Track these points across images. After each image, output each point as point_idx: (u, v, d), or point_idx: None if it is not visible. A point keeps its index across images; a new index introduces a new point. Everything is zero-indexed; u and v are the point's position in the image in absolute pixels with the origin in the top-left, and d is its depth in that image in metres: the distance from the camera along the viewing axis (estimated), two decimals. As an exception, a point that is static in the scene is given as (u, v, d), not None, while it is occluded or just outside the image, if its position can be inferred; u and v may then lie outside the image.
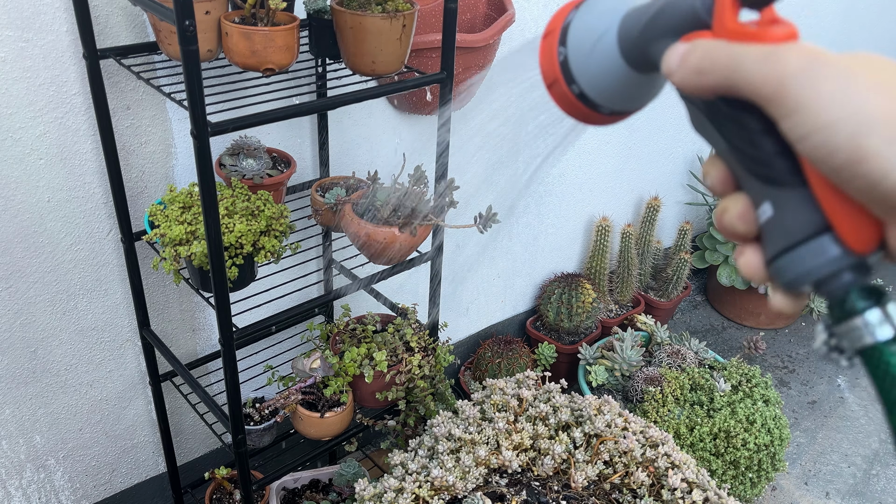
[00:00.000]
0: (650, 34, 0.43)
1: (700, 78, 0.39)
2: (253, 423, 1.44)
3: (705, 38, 0.40)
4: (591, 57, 0.46)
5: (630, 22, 0.45)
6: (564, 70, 0.48)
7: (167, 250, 1.17)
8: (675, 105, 2.26)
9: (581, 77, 0.47)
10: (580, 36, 0.47)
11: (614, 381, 2.07)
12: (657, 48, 0.43)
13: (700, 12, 0.41)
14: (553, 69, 0.49)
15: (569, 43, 0.47)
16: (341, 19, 1.14)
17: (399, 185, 1.32)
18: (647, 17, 0.43)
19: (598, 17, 0.46)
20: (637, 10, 0.45)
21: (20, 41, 1.14)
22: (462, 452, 1.25)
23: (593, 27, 0.46)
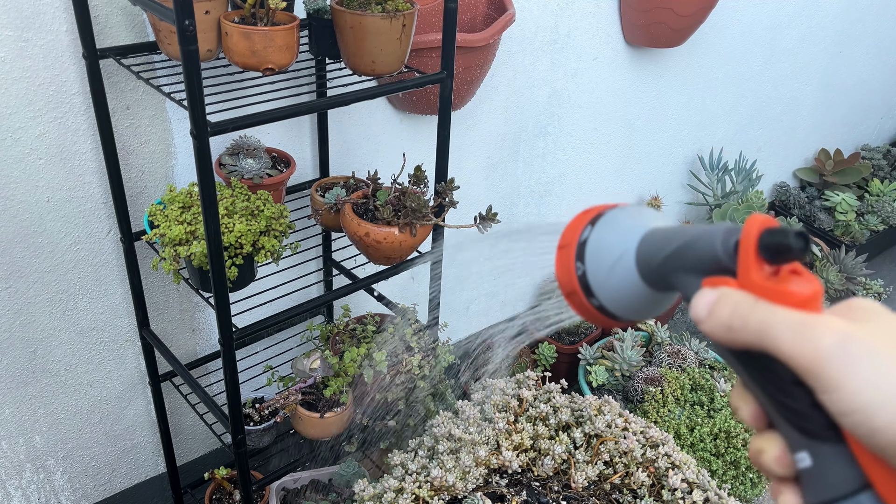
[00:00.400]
0: (671, 266, 0.45)
1: (730, 334, 0.40)
2: (253, 424, 1.44)
3: (731, 288, 0.41)
4: (610, 276, 0.48)
5: (649, 248, 0.47)
6: (583, 284, 0.49)
7: (167, 250, 1.17)
8: (675, 105, 2.26)
9: (600, 293, 0.49)
10: (598, 254, 0.49)
11: (614, 381, 2.06)
12: (678, 280, 0.44)
13: (722, 258, 0.42)
14: (571, 282, 0.50)
15: (587, 259, 0.49)
16: (341, 19, 1.14)
17: (399, 185, 1.32)
18: (667, 251, 0.45)
19: (615, 238, 0.49)
20: (655, 237, 0.47)
21: (20, 41, 1.14)
22: (462, 453, 1.25)
23: (611, 247, 0.48)
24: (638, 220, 0.49)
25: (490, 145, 1.92)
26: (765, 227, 0.40)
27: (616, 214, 0.50)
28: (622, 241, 0.48)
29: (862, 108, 3.31)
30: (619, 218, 0.50)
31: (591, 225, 0.50)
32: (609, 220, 0.50)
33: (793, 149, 3.09)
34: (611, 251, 0.48)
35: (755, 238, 0.40)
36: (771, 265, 0.40)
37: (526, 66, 1.87)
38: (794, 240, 0.39)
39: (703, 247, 0.43)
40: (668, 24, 1.95)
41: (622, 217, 0.50)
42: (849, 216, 2.90)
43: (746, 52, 2.52)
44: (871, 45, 3.07)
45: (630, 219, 0.50)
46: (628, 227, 0.49)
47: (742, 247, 0.41)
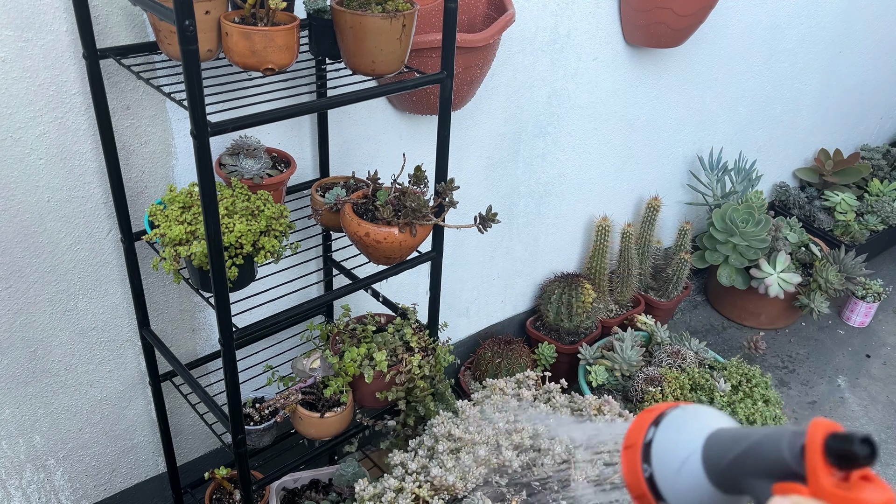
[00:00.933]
0: (739, 470, 0.45)
1: None
2: (253, 423, 1.44)
3: (804, 497, 0.41)
4: (678, 479, 0.48)
5: (715, 450, 0.47)
6: (651, 486, 0.50)
7: (167, 250, 1.17)
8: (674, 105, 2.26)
9: (670, 496, 0.49)
10: (664, 456, 0.50)
11: (614, 381, 2.07)
12: (747, 484, 0.45)
13: (790, 463, 0.42)
14: (639, 485, 0.51)
15: (653, 461, 0.50)
16: (341, 19, 1.14)
17: (399, 185, 1.32)
18: (734, 453, 0.45)
19: (680, 439, 0.49)
20: (720, 438, 0.47)
21: (20, 41, 1.14)
22: (462, 452, 1.25)
23: (677, 448, 0.49)
24: (702, 421, 0.50)
25: (490, 145, 1.92)
26: (829, 432, 0.41)
27: (679, 414, 0.51)
28: (688, 441, 0.49)
29: (861, 108, 3.31)
30: (682, 418, 0.51)
31: (655, 426, 0.51)
32: (673, 421, 0.51)
33: (792, 149, 3.09)
34: (677, 452, 0.49)
35: (821, 444, 0.41)
36: (840, 471, 0.41)
37: (526, 66, 1.87)
38: (860, 447, 0.39)
39: (769, 451, 0.43)
40: (668, 25, 1.95)
41: (686, 417, 0.51)
42: (848, 216, 2.90)
43: (746, 53, 2.52)
44: (870, 46, 3.07)
45: (694, 419, 0.50)
46: (693, 428, 0.49)
47: (809, 453, 0.41)
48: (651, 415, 0.53)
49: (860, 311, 2.74)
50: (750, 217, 2.46)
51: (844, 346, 2.69)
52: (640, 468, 0.50)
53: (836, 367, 2.58)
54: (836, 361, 2.61)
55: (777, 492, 0.42)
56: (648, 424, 0.52)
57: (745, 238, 2.46)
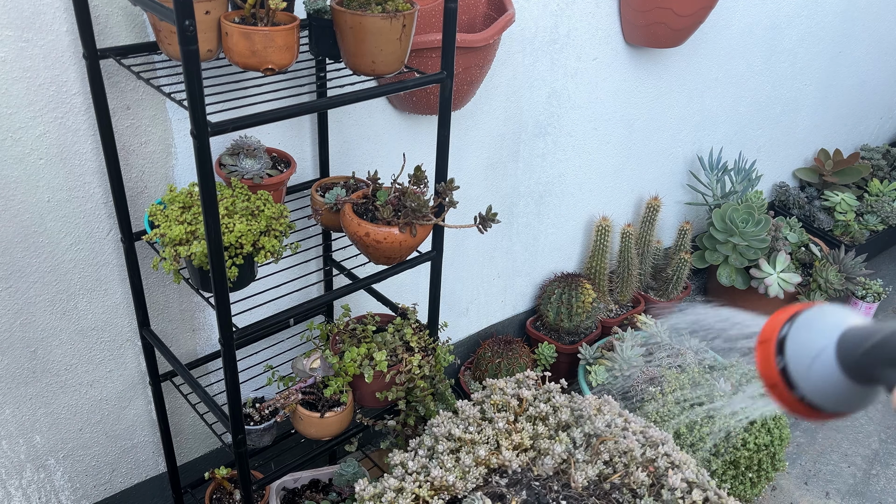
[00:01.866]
0: (873, 358, 0.48)
1: None
2: (253, 423, 1.44)
3: None
4: (811, 369, 0.51)
5: (849, 343, 0.50)
6: (785, 377, 0.53)
7: (167, 250, 1.17)
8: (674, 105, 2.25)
9: (803, 385, 0.52)
10: (798, 349, 0.52)
11: (614, 380, 2.07)
12: (881, 372, 0.47)
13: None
14: (773, 375, 0.54)
15: (787, 354, 0.53)
16: (341, 19, 1.14)
17: (399, 184, 1.32)
18: (868, 344, 0.48)
19: (815, 333, 0.52)
20: (854, 333, 0.50)
21: (20, 41, 1.14)
22: (462, 452, 1.25)
23: (811, 342, 0.52)
24: (836, 318, 0.53)
25: (490, 145, 1.92)
26: None
27: (815, 313, 0.54)
28: (822, 336, 0.51)
29: (861, 108, 3.31)
30: (818, 315, 0.54)
31: (790, 322, 0.54)
32: (808, 318, 0.54)
33: (792, 149, 3.09)
34: (811, 345, 0.52)
35: None
36: None
37: (526, 66, 1.87)
38: None
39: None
40: (668, 25, 1.95)
41: (821, 315, 0.54)
42: (848, 216, 2.90)
43: (746, 53, 2.52)
44: (870, 46, 3.07)
45: (829, 316, 0.53)
46: (827, 324, 0.52)
47: None
48: (786, 314, 0.55)
49: (860, 311, 2.74)
50: (750, 217, 2.46)
51: (844, 346, 2.69)
52: (774, 360, 0.53)
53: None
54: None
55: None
56: (784, 322, 0.54)
57: (744, 238, 2.46)
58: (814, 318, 0.54)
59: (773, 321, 0.56)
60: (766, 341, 0.55)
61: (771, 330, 0.55)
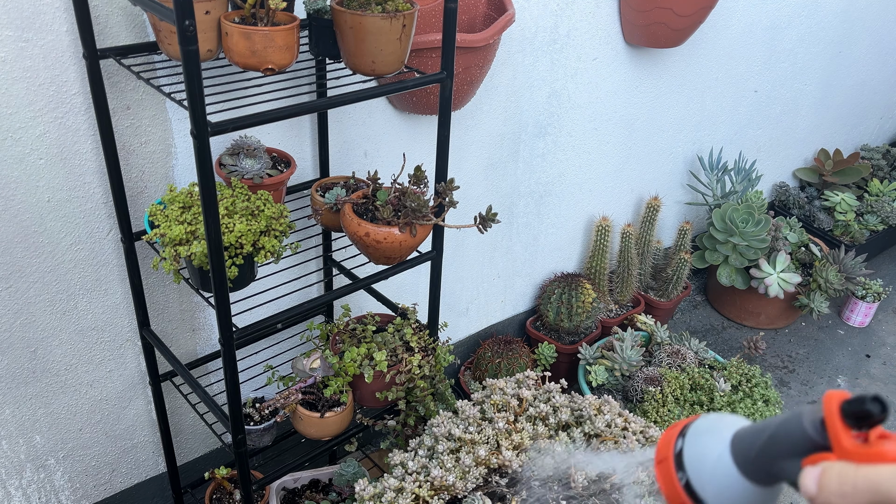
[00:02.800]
0: (768, 456, 0.49)
1: (845, 499, 0.43)
2: (253, 423, 1.44)
3: (831, 461, 0.45)
4: (712, 478, 0.52)
5: (742, 444, 0.51)
6: (689, 492, 0.53)
7: (167, 250, 1.17)
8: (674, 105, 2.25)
9: (708, 496, 0.52)
10: (696, 460, 0.53)
11: (614, 380, 2.07)
12: (778, 468, 0.49)
13: (813, 437, 0.46)
14: (677, 493, 0.54)
15: (687, 468, 0.53)
16: (341, 19, 1.14)
17: (399, 185, 1.32)
18: (759, 443, 0.49)
19: (708, 442, 0.53)
20: (744, 435, 0.51)
21: (20, 41, 1.14)
22: (462, 452, 1.25)
23: (707, 452, 0.53)
24: (724, 423, 0.54)
25: (490, 145, 1.92)
26: (842, 399, 0.45)
27: (702, 423, 0.55)
28: (715, 443, 0.53)
29: (861, 108, 3.31)
30: (706, 425, 0.55)
31: (682, 437, 0.55)
32: (698, 429, 0.55)
33: (792, 149, 3.09)
34: (707, 455, 0.53)
35: (837, 410, 0.45)
36: (858, 432, 0.45)
37: (526, 66, 1.87)
38: (872, 405, 0.44)
39: (793, 431, 0.47)
40: (668, 25, 1.95)
41: (709, 424, 0.55)
42: (848, 216, 2.90)
43: (746, 53, 2.52)
44: (870, 46, 3.07)
45: (716, 423, 0.54)
46: (716, 430, 0.53)
47: (828, 421, 0.45)
48: (676, 429, 0.56)
49: (860, 311, 2.74)
50: (750, 217, 2.46)
51: (844, 346, 2.69)
52: (675, 477, 0.54)
53: (835, 366, 2.58)
54: (836, 361, 2.61)
55: (807, 464, 0.46)
56: (676, 437, 0.55)
57: (744, 238, 2.46)
58: (703, 427, 0.55)
59: (665, 438, 0.57)
60: (663, 460, 0.55)
61: (665, 448, 0.56)
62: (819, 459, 0.46)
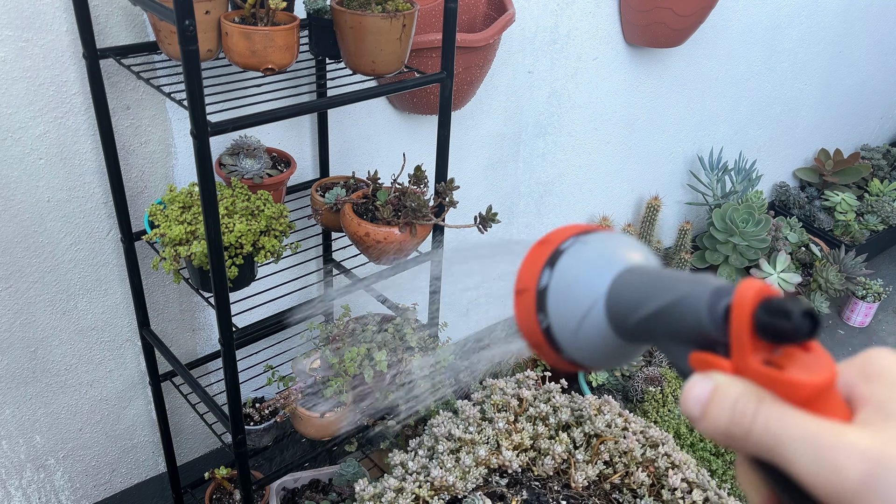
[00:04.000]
0: (650, 329, 0.39)
1: (731, 442, 0.34)
2: (253, 423, 1.44)
3: (726, 376, 0.34)
4: (579, 331, 0.42)
5: (621, 302, 0.40)
6: (548, 337, 0.43)
7: (167, 250, 1.17)
8: (674, 105, 2.25)
9: (570, 349, 0.43)
10: (562, 307, 0.42)
11: (614, 380, 2.06)
12: (662, 346, 0.39)
13: (710, 331, 0.35)
14: (535, 336, 0.44)
15: (550, 311, 0.43)
16: (341, 19, 1.14)
17: (399, 185, 1.32)
18: (644, 312, 0.38)
19: (580, 287, 0.42)
20: (628, 287, 0.40)
21: (20, 41, 1.14)
22: (462, 452, 1.25)
23: (576, 299, 0.42)
24: (605, 259, 0.42)
25: (490, 145, 1.92)
26: (761, 298, 0.33)
27: (577, 254, 0.43)
28: (589, 290, 0.41)
29: (861, 108, 3.31)
30: (581, 258, 0.42)
31: (550, 267, 0.43)
32: (570, 264, 0.43)
33: (792, 149, 3.09)
34: (577, 304, 0.41)
35: (749, 313, 0.33)
36: (769, 344, 0.34)
37: (526, 66, 1.87)
38: (800, 320, 0.32)
39: (687, 313, 0.36)
40: (668, 24, 1.95)
41: (585, 256, 0.42)
42: (848, 216, 2.90)
43: (746, 53, 2.52)
44: (870, 46, 3.07)
45: (596, 258, 0.42)
46: (594, 271, 0.41)
47: (734, 322, 0.33)
48: (544, 252, 0.44)
49: (860, 311, 2.74)
50: (750, 217, 2.46)
51: (844, 346, 2.69)
52: (535, 319, 0.43)
53: (836, 367, 2.58)
54: (836, 361, 2.61)
55: (695, 364, 0.36)
56: (542, 266, 0.43)
57: (745, 238, 2.46)
58: (577, 263, 0.42)
59: (529, 263, 0.44)
60: (524, 291, 0.44)
61: (529, 276, 0.44)
62: (709, 363, 0.35)
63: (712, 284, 0.35)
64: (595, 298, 0.41)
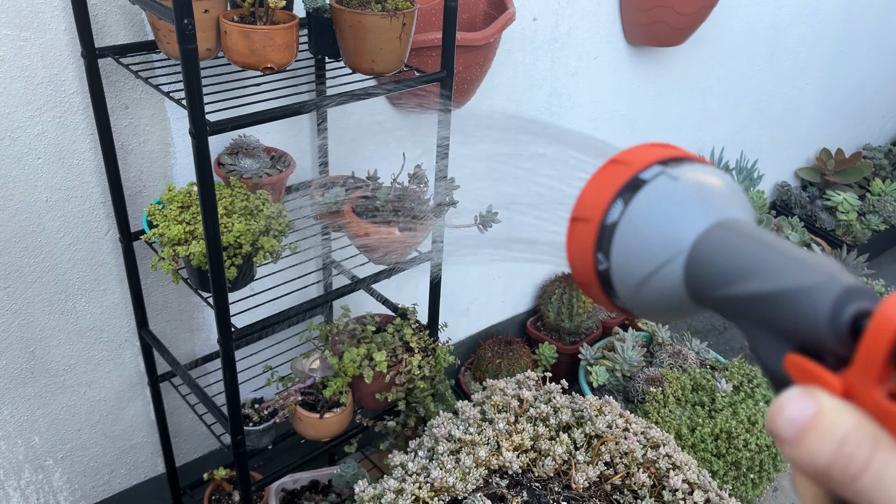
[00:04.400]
0: (743, 312, 0.31)
1: (825, 481, 0.27)
2: (252, 424, 1.43)
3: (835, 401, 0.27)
4: (644, 286, 0.35)
5: (711, 268, 0.32)
6: (604, 281, 0.36)
7: (166, 250, 1.16)
8: (675, 104, 2.24)
9: (625, 298, 0.36)
10: (631, 254, 0.35)
11: (615, 381, 2.06)
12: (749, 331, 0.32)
13: (828, 339, 0.28)
14: (588, 275, 0.37)
15: (613, 255, 0.35)
16: (341, 18, 1.13)
17: (399, 184, 1.31)
18: (742, 289, 0.31)
19: (660, 235, 0.34)
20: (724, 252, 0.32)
21: (18, 40, 1.13)
22: (462, 453, 1.24)
23: (652, 248, 0.34)
24: (698, 206, 0.33)
25: (490, 145, 1.91)
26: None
27: (663, 190, 0.34)
28: (670, 241, 0.33)
29: (863, 107, 3.30)
30: (667, 198, 0.34)
31: (624, 200, 0.35)
32: (652, 201, 0.34)
33: (794, 148, 3.08)
34: (650, 255, 0.34)
35: (893, 336, 0.26)
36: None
37: (526, 65, 1.86)
38: None
39: (804, 307, 0.29)
40: (669, 23, 1.94)
41: (672, 196, 0.34)
42: (850, 216, 2.89)
43: (748, 52, 2.51)
44: (872, 45, 3.06)
45: (685, 202, 0.34)
46: (681, 219, 0.33)
47: (870, 339, 0.26)
48: (618, 176, 0.35)
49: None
50: (751, 217, 2.46)
51: (846, 346, 2.68)
52: (591, 258, 0.36)
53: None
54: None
55: (792, 369, 0.28)
56: (613, 196, 0.35)
57: (746, 238, 2.46)
58: (658, 203, 0.34)
59: (599, 185, 0.36)
60: (583, 220, 0.36)
61: (594, 205, 0.36)
62: (813, 374, 0.28)
63: (842, 281, 0.28)
64: (676, 253, 0.33)
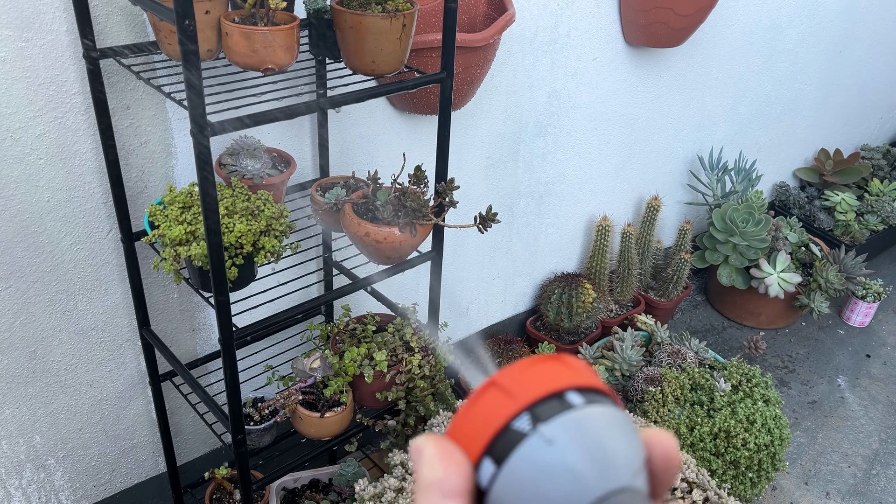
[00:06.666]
0: None
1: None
2: (253, 423, 1.44)
3: None
4: None
5: None
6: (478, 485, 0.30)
7: (167, 250, 1.17)
8: (675, 105, 2.25)
9: None
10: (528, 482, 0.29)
11: (614, 380, 2.06)
12: None
13: None
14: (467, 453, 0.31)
15: (506, 468, 0.29)
16: (341, 19, 1.14)
17: (399, 185, 1.32)
18: None
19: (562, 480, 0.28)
20: None
21: (20, 41, 1.14)
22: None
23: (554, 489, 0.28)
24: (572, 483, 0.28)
25: (490, 145, 1.92)
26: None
27: (536, 460, 0.28)
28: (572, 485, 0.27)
29: (862, 107, 3.31)
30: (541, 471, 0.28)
31: (533, 419, 0.29)
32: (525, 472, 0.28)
33: (793, 149, 3.09)
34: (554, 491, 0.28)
35: None
36: None
37: (526, 66, 1.87)
38: None
39: None
40: (668, 24, 1.95)
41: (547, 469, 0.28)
42: (848, 216, 2.90)
43: (747, 52, 2.52)
44: (871, 45, 3.07)
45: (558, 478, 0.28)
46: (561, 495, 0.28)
47: None
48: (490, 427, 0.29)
49: (860, 310, 2.74)
50: (750, 217, 2.46)
51: (844, 345, 2.69)
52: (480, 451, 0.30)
53: (836, 366, 2.58)
54: (837, 361, 2.61)
55: None
56: (523, 408, 0.29)
57: (745, 238, 2.46)
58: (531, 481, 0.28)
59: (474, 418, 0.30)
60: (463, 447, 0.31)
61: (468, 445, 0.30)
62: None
63: None
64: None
